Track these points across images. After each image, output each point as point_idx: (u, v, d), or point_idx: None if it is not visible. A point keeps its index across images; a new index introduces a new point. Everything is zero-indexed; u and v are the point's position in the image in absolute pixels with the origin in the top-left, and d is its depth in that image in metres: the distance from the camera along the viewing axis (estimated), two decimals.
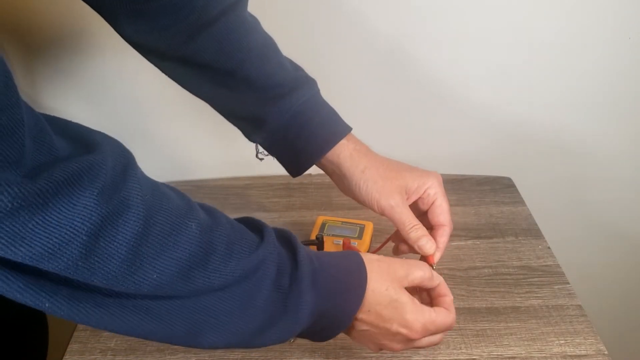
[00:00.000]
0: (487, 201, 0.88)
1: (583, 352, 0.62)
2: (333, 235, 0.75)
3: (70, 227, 0.33)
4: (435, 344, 0.54)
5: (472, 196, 0.89)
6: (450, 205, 0.61)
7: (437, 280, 0.53)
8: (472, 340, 0.64)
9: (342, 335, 0.64)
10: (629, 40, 0.84)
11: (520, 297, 0.70)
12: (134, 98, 0.87)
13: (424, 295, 0.55)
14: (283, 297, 0.44)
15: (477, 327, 0.66)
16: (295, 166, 0.63)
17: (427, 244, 0.58)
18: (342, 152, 0.60)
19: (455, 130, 0.93)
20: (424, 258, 0.61)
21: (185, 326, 0.41)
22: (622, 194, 1.01)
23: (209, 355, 0.63)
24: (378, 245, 0.76)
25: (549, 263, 0.75)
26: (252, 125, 0.63)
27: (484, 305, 0.69)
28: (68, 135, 0.36)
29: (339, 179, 0.62)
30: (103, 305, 0.37)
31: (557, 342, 0.64)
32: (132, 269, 0.36)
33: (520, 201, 0.88)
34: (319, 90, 0.63)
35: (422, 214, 0.61)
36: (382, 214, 0.60)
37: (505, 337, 0.64)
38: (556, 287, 0.71)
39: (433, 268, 0.60)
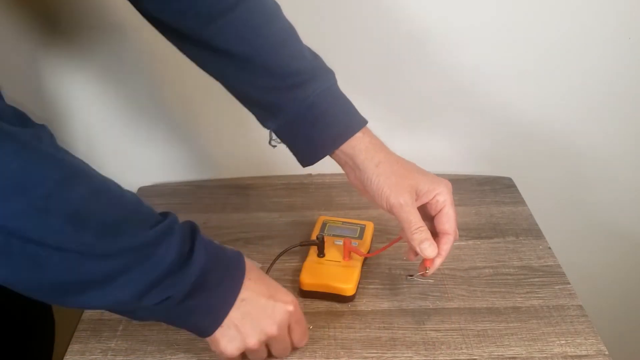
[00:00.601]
0: (487, 201, 0.88)
1: (584, 352, 0.62)
2: (334, 235, 0.75)
3: (44, 175, 0.40)
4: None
5: (473, 196, 0.89)
6: None
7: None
8: (473, 340, 0.64)
9: (341, 335, 0.64)
10: (629, 40, 0.84)
11: (521, 297, 0.70)
12: (134, 99, 0.87)
13: None
14: (186, 254, 0.49)
15: (477, 327, 0.66)
16: (307, 156, 0.64)
17: (429, 248, 0.58)
18: (357, 145, 0.61)
19: (456, 130, 0.93)
20: (423, 261, 0.61)
21: (94, 282, 0.44)
22: (623, 194, 1.01)
23: (209, 355, 0.63)
24: (380, 245, 0.76)
25: (549, 263, 0.75)
26: (267, 111, 0.63)
27: (485, 306, 0.69)
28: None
29: (351, 170, 0.63)
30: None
31: (557, 342, 0.64)
32: (84, 214, 0.42)
33: (520, 201, 0.88)
34: (336, 81, 0.63)
35: (428, 219, 0.61)
36: (390, 211, 0.60)
37: (506, 337, 0.64)
38: (557, 287, 0.71)
39: (426, 271, 0.60)
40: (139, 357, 0.63)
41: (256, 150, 0.95)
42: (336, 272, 0.69)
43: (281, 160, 0.95)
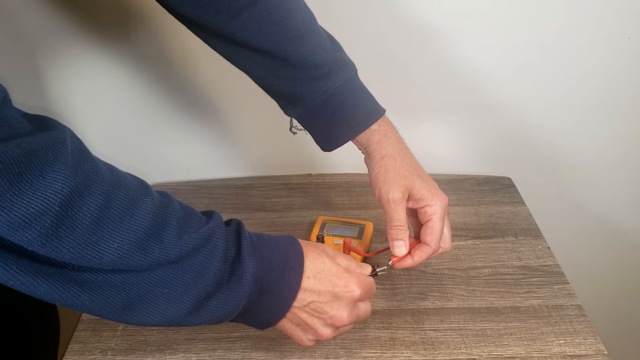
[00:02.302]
0: (487, 201, 0.88)
1: (583, 352, 0.63)
2: (333, 235, 0.75)
3: (44, 197, 0.35)
4: (367, 314, 0.57)
5: (472, 196, 0.89)
6: (451, 205, 0.61)
7: (366, 270, 0.58)
8: (472, 340, 0.64)
9: (341, 335, 0.64)
10: (629, 40, 0.84)
11: (520, 297, 0.70)
12: (135, 99, 0.87)
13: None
14: (230, 266, 0.47)
15: (476, 327, 0.66)
16: (326, 144, 0.67)
17: (399, 247, 0.61)
18: (372, 137, 0.64)
19: (456, 130, 0.93)
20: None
21: (140, 299, 0.42)
22: (622, 193, 1.01)
23: (209, 355, 0.63)
24: (379, 245, 0.76)
25: (548, 263, 0.75)
26: (288, 101, 0.65)
27: (484, 305, 0.69)
28: (24, 116, 0.38)
29: (365, 156, 0.66)
30: (72, 281, 0.39)
31: (556, 342, 0.64)
32: (94, 238, 0.38)
33: (520, 201, 0.88)
34: (356, 73, 0.65)
35: (420, 226, 0.64)
36: (379, 201, 0.63)
37: (505, 337, 0.64)
38: (556, 287, 0.71)
39: (390, 262, 0.62)
40: (138, 357, 0.63)
41: (256, 150, 0.95)
42: None
43: (281, 160, 0.95)
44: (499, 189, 0.91)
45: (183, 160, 0.95)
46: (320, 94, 0.62)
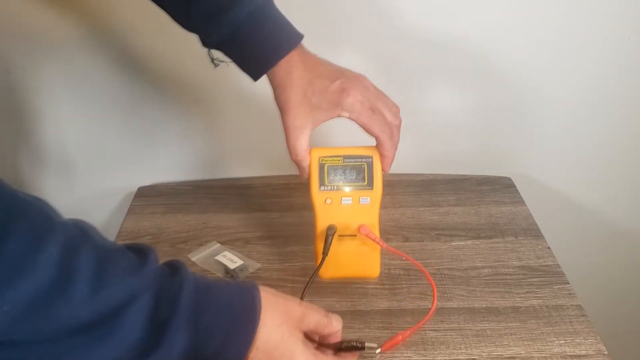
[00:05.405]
0: (487, 201, 0.88)
1: (583, 352, 0.62)
2: (337, 186, 0.66)
3: None
4: None
5: (472, 196, 0.89)
6: (450, 205, 0.60)
7: (335, 327, 0.51)
8: (472, 340, 0.64)
9: (341, 335, 0.64)
10: (629, 40, 0.84)
11: (520, 297, 0.70)
12: (134, 99, 0.87)
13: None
14: (159, 331, 0.39)
15: (476, 327, 0.66)
16: (248, 72, 0.63)
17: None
18: (279, 72, 0.61)
19: (456, 130, 0.93)
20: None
21: None
22: (622, 193, 1.01)
23: None
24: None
25: (548, 263, 0.75)
26: (199, 36, 0.62)
27: (484, 305, 0.69)
28: None
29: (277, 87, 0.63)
30: None
31: (557, 342, 0.64)
32: None
33: (520, 201, 0.88)
34: (267, 1, 0.61)
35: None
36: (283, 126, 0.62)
37: (505, 337, 0.64)
38: (556, 287, 0.71)
39: (378, 352, 0.60)
40: None
41: (256, 150, 0.95)
42: (356, 255, 0.67)
43: (281, 160, 0.95)
44: (499, 189, 0.91)
45: (183, 161, 0.95)
46: (224, 27, 0.59)
